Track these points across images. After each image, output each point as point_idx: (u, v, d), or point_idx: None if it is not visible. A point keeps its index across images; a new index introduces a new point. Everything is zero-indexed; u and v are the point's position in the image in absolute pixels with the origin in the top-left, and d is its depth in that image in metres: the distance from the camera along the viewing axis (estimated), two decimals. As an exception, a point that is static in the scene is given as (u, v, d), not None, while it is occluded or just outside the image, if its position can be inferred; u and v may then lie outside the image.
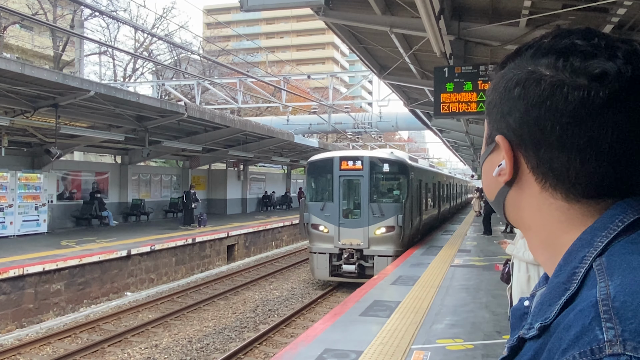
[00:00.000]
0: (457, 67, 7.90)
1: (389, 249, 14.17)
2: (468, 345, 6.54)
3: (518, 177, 0.73)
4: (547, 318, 0.63)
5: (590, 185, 0.68)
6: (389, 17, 8.30)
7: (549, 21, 7.15)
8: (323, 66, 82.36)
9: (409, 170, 14.94)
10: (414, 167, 16.19)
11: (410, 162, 16.01)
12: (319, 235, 14.65)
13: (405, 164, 15.08)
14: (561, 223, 0.70)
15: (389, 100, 24.08)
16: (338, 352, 6.29)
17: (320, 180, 15.42)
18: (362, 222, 14.33)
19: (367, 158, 14.58)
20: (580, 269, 0.64)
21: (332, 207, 14.55)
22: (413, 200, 15.47)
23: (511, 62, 0.75)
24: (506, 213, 0.79)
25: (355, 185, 14.90)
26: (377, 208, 14.22)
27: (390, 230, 14.18)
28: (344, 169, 14.66)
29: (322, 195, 15.14)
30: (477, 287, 10.07)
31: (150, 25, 37.25)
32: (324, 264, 14.56)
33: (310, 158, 15.96)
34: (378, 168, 14.64)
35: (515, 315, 0.76)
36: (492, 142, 0.76)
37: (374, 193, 14.53)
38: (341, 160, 14.73)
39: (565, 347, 0.57)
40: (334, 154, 15.45)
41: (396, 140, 57.93)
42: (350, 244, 14.30)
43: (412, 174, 15.20)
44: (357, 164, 14.57)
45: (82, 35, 22.56)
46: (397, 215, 14.15)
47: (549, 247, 0.72)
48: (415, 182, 15.76)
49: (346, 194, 14.95)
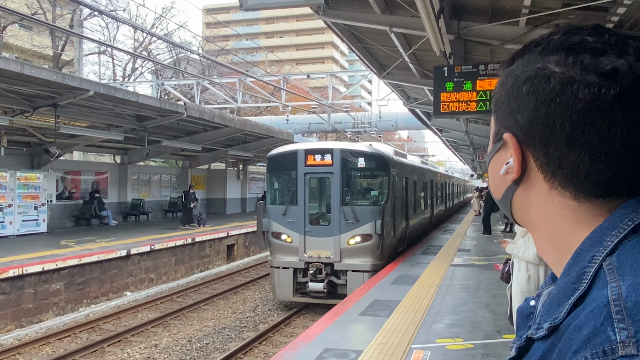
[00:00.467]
0: (457, 67, 7.89)
1: (366, 263, 11.83)
2: (468, 344, 6.53)
3: (526, 175, 0.72)
4: (556, 318, 0.63)
5: (599, 183, 0.67)
6: (389, 17, 8.30)
7: (548, 20, 7.15)
8: (322, 66, 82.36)
9: (389, 166, 12.56)
10: (398, 163, 13.95)
11: (393, 157, 13.63)
12: (281, 245, 12.21)
13: (385, 158, 12.65)
14: (570, 222, 0.69)
15: (389, 99, 24.10)
16: (338, 352, 6.29)
17: (282, 179, 13.10)
18: (333, 229, 11.91)
19: (337, 151, 12.07)
20: (589, 268, 0.63)
21: (296, 211, 12.12)
22: (396, 202, 13.20)
23: (519, 59, 0.74)
24: (513, 212, 0.78)
25: (324, 184, 12.67)
26: (351, 212, 11.83)
27: (367, 240, 11.79)
28: (311, 164, 12.17)
29: (284, 197, 12.78)
30: (476, 286, 10.07)
31: (150, 24, 37.24)
32: (286, 281, 12.13)
33: (270, 152, 13.30)
34: (352, 163, 12.29)
35: (521, 314, 0.75)
36: (499, 139, 0.75)
37: (347, 194, 12.16)
38: (306, 154, 12.20)
39: (576, 348, 0.56)
40: (297, 146, 12.97)
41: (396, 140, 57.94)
42: (318, 256, 11.90)
43: (394, 171, 12.97)
44: (325, 158, 12.10)
45: (82, 34, 22.56)
46: (375, 221, 11.74)
47: (557, 247, 0.72)
48: (399, 181, 13.69)
49: (313, 196, 12.69)
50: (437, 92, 7.90)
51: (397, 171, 13.35)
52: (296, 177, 12.27)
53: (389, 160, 12.77)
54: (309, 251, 12.01)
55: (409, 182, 15.35)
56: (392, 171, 12.65)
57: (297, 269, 12.11)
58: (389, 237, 12.47)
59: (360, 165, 12.41)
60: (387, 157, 12.88)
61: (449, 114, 8.18)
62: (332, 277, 11.94)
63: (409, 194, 15.44)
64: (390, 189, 12.53)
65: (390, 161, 12.88)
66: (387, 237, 12.31)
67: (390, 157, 13.20)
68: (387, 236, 12.30)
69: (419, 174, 18.14)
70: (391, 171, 12.59)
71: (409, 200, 15.28)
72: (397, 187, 13.41)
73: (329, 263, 11.89)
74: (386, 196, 12.40)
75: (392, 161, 13.05)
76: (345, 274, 11.93)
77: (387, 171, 12.48)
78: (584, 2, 6.20)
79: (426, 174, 20.11)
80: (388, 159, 12.78)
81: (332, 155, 12.09)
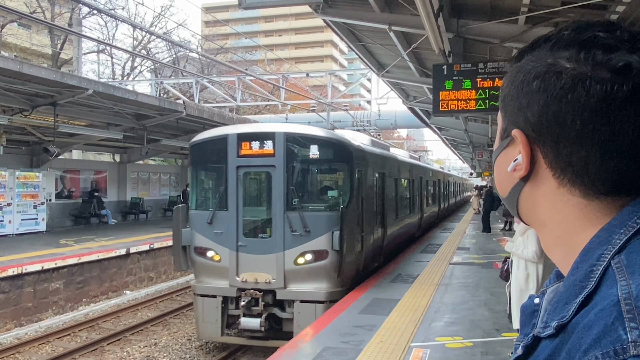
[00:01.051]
0: (456, 65, 7.89)
1: (319, 290, 8.80)
2: (467, 342, 6.54)
3: (534, 172, 0.71)
4: (564, 317, 0.62)
5: (609, 181, 0.66)
6: (388, 15, 8.29)
7: (547, 18, 7.14)
8: (322, 64, 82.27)
9: (353, 158, 9.41)
10: (368, 154, 10.72)
11: (360, 145, 10.42)
12: (206, 266, 9.19)
13: (347, 147, 9.39)
14: (578, 220, 0.69)
15: (388, 98, 24.07)
16: (337, 350, 6.29)
17: (208, 175, 10.22)
18: (275, 244, 8.89)
19: (281, 135, 8.98)
20: (598, 266, 0.63)
21: (226, 219, 9.10)
22: (365, 205, 10.16)
23: (528, 55, 0.73)
24: (519, 210, 0.77)
25: (263, 182, 9.73)
26: (299, 220, 8.79)
27: (321, 258, 8.78)
28: (246, 154, 9.12)
29: (211, 199, 9.77)
30: (476, 284, 10.08)
31: (149, 23, 37.19)
32: (212, 314, 9.03)
33: (194, 138, 10.08)
34: (301, 152, 9.19)
35: (525, 312, 0.74)
36: (507, 136, 0.74)
37: (295, 195, 9.00)
38: (239, 140, 9.13)
39: (586, 348, 0.56)
40: (228, 129, 9.75)
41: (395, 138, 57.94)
42: (255, 281, 8.84)
43: (362, 164, 10.01)
44: (265, 146, 9.05)
45: (80, 33, 22.53)
46: (332, 231, 8.70)
47: (565, 245, 0.71)
48: (369, 177, 10.66)
49: (249, 197, 9.72)
50: (437, 91, 7.90)
51: (367, 165, 10.45)
52: (226, 171, 9.21)
53: (352, 149, 9.51)
54: (243, 273, 8.90)
55: (385, 179, 12.44)
56: (358, 164, 9.69)
57: (228, 298, 9.04)
58: (352, 253, 9.39)
59: (312, 156, 9.14)
60: (350, 145, 9.53)
61: (448, 113, 8.18)
62: (273, 308, 8.89)
63: (388, 194, 12.63)
64: (354, 188, 9.44)
65: (355, 151, 9.70)
66: (350, 253, 9.26)
67: (355, 145, 9.92)
68: (350, 252, 9.26)
69: (404, 170, 15.41)
70: (356, 164, 9.57)
71: (387, 202, 12.42)
72: (368, 185, 10.50)
73: (269, 290, 8.83)
74: (349, 198, 9.29)
75: (358, 151, 9.92)
76: (291, 305, 8.82)
77: (350, 164, 9.33)
78: (583, 0, 6.20)
79: (414, 170, 17.38)
80: (351, 147, 9.51)
81: (273, 141, 9.00)
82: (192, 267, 9.52)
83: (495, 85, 7.59)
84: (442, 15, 7.12)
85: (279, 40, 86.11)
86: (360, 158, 10.03)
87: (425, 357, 5.98)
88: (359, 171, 9.81)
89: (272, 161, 9.02)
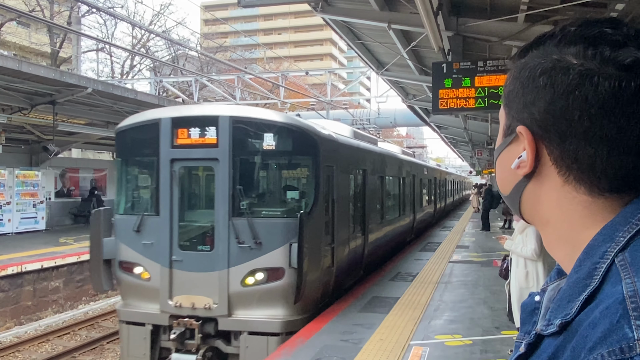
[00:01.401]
0: (456, 63, 7.88)
1: (273, 318, 7.02)
2: (467, 340, 6.55)
3: (538, 169, 0.71)
4: (567, 314, 0.61)
5: (616, 178, 0.65)
6: (387, 13, 8.29)
7: (547, 16, 7.14)
8: (321, 62, 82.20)
9: (319, 150, 7.51)
10: (340, 146, 8.78)
11: (329, 135, 8.36)
12: (134, 285, 7.40)
13: (311, 136, 7.54)
14: (583, 218, 0.68)
15: (387, 96, 24.08)
16: (337, 348, 6.30)
17: (137, 170, 8.33)
18: (217, 259, 7.08)
19: (226, 120, 7.16)
20: (601, 264, 0.62)
21: (157, 226, 7.33)
22: (337, 209, 8.32)
23: (533, 51, 0.72)
24: (522, 208, 0.76)
25: (204, 179, 8.22)
26: (248, 229, 7.00)
27: (276, 277, 7.00)
28: (182, 144, 7.36)
29: (139, 200, 8.11)
30: (475, 282, 10.09)
31: (148, 21, 37.16)
32: (140, 347, 7.28)
33: (121, 122, 8.19)
34: (251, 142, 7.38)
35: (525, 310, 0.74)
36: (511, 133, 0.73)
37: (243, 196, 7.21)
38: (174, 126, 7.36)
39: (592, 346, 0.55)
40: (161, 112, 7.92)
41: (395, 137, 57.94)
42: (191, 305, 7.05)
43: (330, 158, 8.09)
44: (207, 134, 7.26)
45: (80, 32, 22.50)
46: (290, 243, 6.94)
47: (568, 243, 0.70)
48: (344, 174, 8.83)
49: (187, 199, 7.82)
50: (436, 89, 7.89)
51: (340, 159, 8.66)
52: (157, 165, 7.42)
53: (318, 139, 7.66)
54: (177, 296, 7.13)
55: (369, 177, 10.71)
56: (327, 158, 7.86)
57: (159, 327, 7.28)
58: (317, 270, 7.60)
59: (266, 147, 7.29)
60: (315, 134, 7.68)
61: (447, 111, 8.18)
62: (215, 341, 7.13)
63: (371, 194, 10.80)
64: (321, 187, 7.60)
65: (323, 142, 7.84)
66: (315, 271, 7.48)
67: (323, 135, 8.04)
68: (315, 269, 7.49)
69: (392, 167, 13.60)
70: (325, 158, 7.74)
71: (369, 204, 10.59)
72: (342, 184, 8.73)
73: (209, 318, 7.05)
74: (314, 200, 7.50)
75: (326, 142, 8.04)
76: (238, 338, 7.03)
77: (315, 158, 7.51)
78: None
79: (405, 167, 15.61)
80: (316, 137, 7.66)
81: (217, 127, 7.19)
82: (118, 286, 7.71)
83: (494, 83, 7.59)
84: (442, 13, 7.12)
85: (279, 39, 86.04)
86: (331, 151, 8.22)
87: (424, 355, 5.98)
88: (328, 167, 7.99)
89: (215, 153, 7.17)
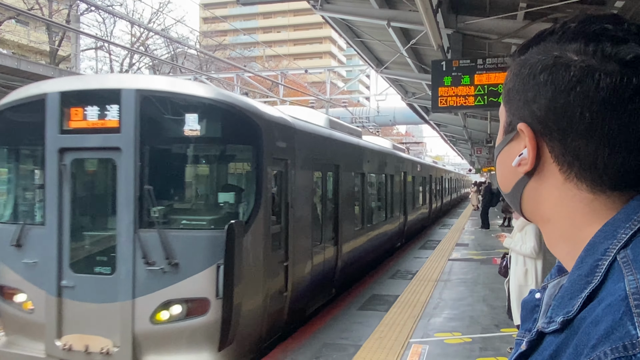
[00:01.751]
0: (455, 61, 7.87)
1: None
2: (466, 338, 6.56)
3: (539, 167, 0.70)
4: (569, 312, 0.61)
5: (618, 176, 0.65)
6: (387, 11, 8.28)
7: (546, 14, 7.13)
8: (320, 60, 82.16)
9: (263, 137, 5.70)
10: (298, 134, 6.94)
11: (279, 119, 6.49)
12: (15, 317, 5.71)
13: (251, 119, 5.66)
14: (584, 215, 0.68)
15: (387, 94, 24.06)
16: (336, 346, 6.30)
17: (17, 164, 6.25)
18: (119, 285, 5.29)
19: (132, 95, 5.30)
20: (603, 261, 0.62)
21: (41, 239, 5.54)
22: (294, 215, 6.66)
23: (533, 48, 0.72)
24: (522, 206, 0.75)
25: (104, 176, 6.15)
26: (160, 245, 5.19)
27: (198, 312, 5.24)
28: (76, 128, 5.51)
29: (19, 204, 6.15)
30: (475, 280, 10.09)
31: (147, 19, 37.11)
32: None
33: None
34: (167, 126, 5.54)
35: (526, 307, 0.74)
36: (512, 130, 0.73)
37: (152, 201, 5.33)
38: (65, 105, 5.52)
39: (594, 343, 0.55)
40: (49, 85, 5.84)
41: (394, 135, 57.96)
42: (85, 348, 5.28)
43: (282, 149, 6.32)
44: (108, 114, 5.40)
45: (78, 30, 22.47)
46: (217, 265, 5.11)
47: (570, 241, 0.70)
48: (299, 172, 6.87)
49: (81, 203, 5.90)
50: (435, 87, 7.88)
51: (296, 151, 6.78)
52: (43, 157, 5.61)
53: (261, 123, 5.78)
54: (67, 335, 5.39)
55: (342, 175, 8.93)
56: (274, 148, 6.02)
57: None
58: (258, 299, 5.74)
59: (188, 132, 5.38)
60: (257, 116, 5.82)
61: (447, 109, 8.17)
62: None
63: (345, 196, 9.07)
64: (265, 187, 5.70)
65: (269, 127, 6.00)
66: (253, 300, 5.63)
67: (269, 118, 6.15)
68: (253, 298, 5.63)
69: (374, 163, 11.66)
70: (270, 148, 5.88)
71: (343, 208, 8.86)
72: (301, 184, 6.97)
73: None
74: (254, 204, 5.60)
75: (274, 128, 6.18)
76: None
77: (256, 147, 5.65)
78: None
79: (391, 163, 13.62)
80: (259, 120, 5.79)
81: (119, 104, 5.34)
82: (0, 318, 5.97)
83: (494, 81, 7.58)
84: (441, 11, 7.11)
85: (278, 37, 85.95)
86: (283, 139, 6.32)
87: (424, 353, 5.99)
88: (279, 161, 6.25)
89: (117, 140, 5.31)
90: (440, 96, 7.85)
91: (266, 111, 6.28)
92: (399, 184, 14.63)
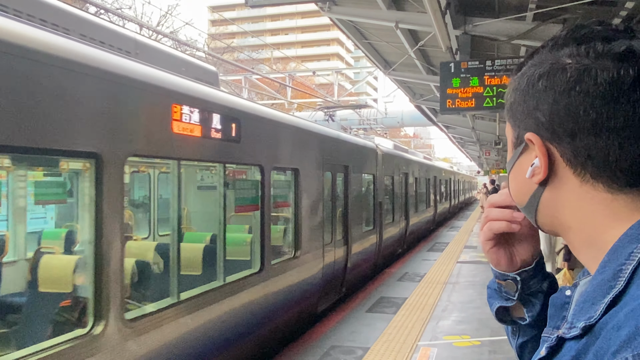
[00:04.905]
0: (464, 62, 7.84)
1: None
2: (475, 341, 6.52)
3: (553, 174, 0.70)
4: (591, 317, 0.60)
5: (632, 170, 0.65)
6: (395, 13, 8.26)
7: (556, 15, 7.09)
8: (328, 62, 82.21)
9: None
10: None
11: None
12: None
13: None
14: (605, 218, 0.67)
15: (394, 96, 24.06)
16: (344, 349, 6.28)
17: None
18: None
19: None
20: (627, 265, 0.61)
21: None
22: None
23: (528, 62, 0.73)
24: (539, 218, 0.74)
25: None
26: None
27: None
28: None
29: None
30: (483, 283, 9.99)
31: (155, 22, 37.33)
32: None
33: None
34: None
35: (555, 304, 0.73)
36: (520, 143, 0.73)
37: None
38: None
39: (616, 349, 0.54)
40: None
41: (402, 137, 57.83)
42: None
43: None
44: None
45: (88, 33, 22.63)
46: None
47: (593, 246, 0.68)
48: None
49: None
50: (444, 88, 7.85)
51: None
52: None
53: None
54: None
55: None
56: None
57: None
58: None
59: None
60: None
61: (455, 110, 8.14)
62: None
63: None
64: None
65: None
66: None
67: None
68: None
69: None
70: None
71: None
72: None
73: None
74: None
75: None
76: None
77: None
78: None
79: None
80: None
81: None
82: None
83: (503, 82, 7.55)
84: (449, 12, 7.08)
85: (286, 39, 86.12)
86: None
87: (432, 356, 5.96)
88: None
89: None
90: (449, 98, 7.82)
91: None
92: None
